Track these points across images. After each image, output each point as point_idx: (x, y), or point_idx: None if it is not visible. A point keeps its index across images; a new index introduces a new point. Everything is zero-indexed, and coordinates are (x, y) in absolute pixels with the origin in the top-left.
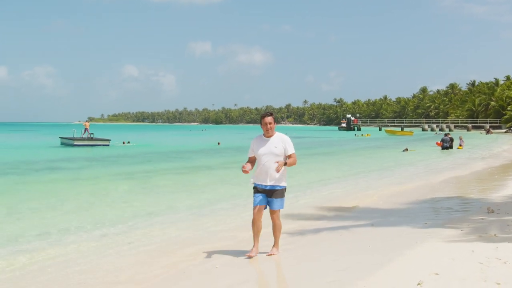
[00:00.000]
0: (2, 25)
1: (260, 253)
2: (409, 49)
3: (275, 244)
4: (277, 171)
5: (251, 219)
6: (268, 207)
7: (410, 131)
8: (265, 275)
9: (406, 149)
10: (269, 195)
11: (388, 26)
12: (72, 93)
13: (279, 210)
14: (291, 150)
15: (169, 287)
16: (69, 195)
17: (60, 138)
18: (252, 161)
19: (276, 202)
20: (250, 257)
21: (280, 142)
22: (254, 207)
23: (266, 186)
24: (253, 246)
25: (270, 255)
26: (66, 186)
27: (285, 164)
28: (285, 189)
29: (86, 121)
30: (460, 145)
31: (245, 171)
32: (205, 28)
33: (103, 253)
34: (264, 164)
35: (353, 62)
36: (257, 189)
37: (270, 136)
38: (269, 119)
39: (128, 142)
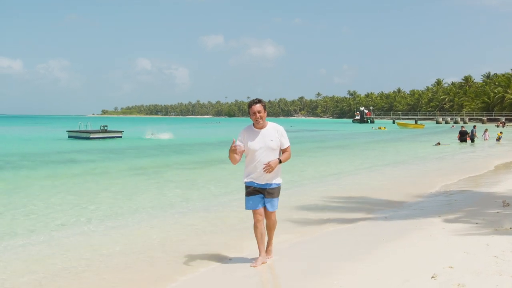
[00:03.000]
0: (17, 18)
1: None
2: (423, 41)
3: (269, 244)
4: (268, 171)
5: (253, 224)
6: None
7: (421, 124)
8: (277, 268)
9: (438, 143)
10: (264, 194)
11: (401, 18)
12: (86, 86)
13: (275, 211)
14: (286, 143)
15: (182, 280)
16: (81, 189)
17: (67, 132)
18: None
19: (272, 202)
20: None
21: (276, 133)
22: (254, 211)
23: (261, 184)
24: (259, 255)
25: (261, 263)
26: (79, 180)
27: (280, 162)
28: (280, 186)
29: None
30: (499, 135)
31: (234, 149)
32: (217, 21)
33: (115, 251)
34: (260, 160)
35: (366, 55)
36: (250, 189)
37: (261, 128)
38: (257, 107)
39: (152, 134)
